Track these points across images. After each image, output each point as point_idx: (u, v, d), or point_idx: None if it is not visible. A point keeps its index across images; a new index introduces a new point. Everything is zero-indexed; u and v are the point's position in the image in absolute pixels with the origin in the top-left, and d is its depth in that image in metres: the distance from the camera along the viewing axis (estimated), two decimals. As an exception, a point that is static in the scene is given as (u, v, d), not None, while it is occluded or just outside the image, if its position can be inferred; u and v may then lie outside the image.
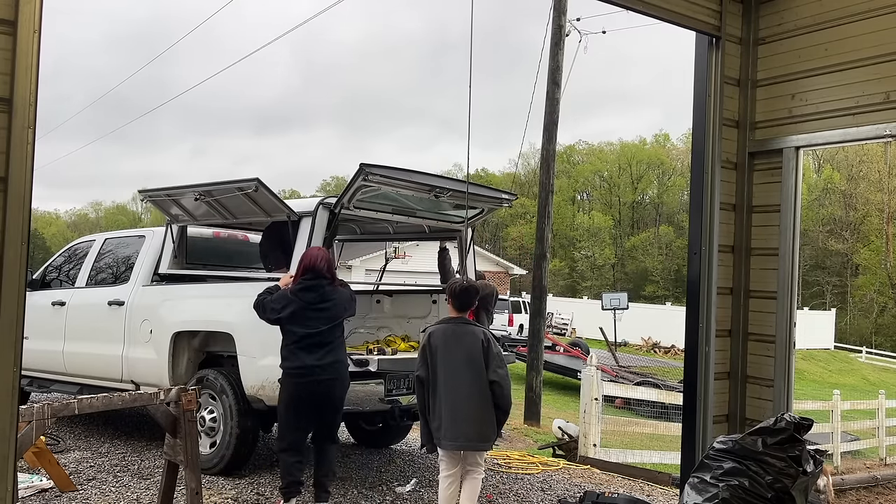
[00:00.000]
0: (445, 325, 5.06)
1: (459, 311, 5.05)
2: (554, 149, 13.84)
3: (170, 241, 7.26)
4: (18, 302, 3.20)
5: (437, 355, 4.93)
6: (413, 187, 6.28)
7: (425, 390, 4.99)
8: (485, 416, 4.90)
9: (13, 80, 3.20)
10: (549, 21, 13.75)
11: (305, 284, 5.45)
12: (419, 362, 5.03)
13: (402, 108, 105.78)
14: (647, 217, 70.06)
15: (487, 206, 7.20)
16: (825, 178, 60.38)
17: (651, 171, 69.61)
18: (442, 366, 4.90)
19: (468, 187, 6.50)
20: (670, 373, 23.73)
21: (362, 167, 5.82)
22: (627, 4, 5.23)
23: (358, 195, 6.09)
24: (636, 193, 69.65)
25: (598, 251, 62.74)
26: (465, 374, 4.87)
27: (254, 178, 6.14)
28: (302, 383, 5.29)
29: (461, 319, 5.06)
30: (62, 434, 7.70)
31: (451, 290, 5.10)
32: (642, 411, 14.47)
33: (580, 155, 74.04)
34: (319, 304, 5.40)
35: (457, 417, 4.85)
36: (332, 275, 5.56)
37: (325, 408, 5.39)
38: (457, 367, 4.88)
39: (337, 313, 5.47)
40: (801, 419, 4.37)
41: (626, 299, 33.88)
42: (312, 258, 5.53)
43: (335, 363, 5.36)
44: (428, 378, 4.96)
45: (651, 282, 60.03)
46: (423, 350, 5.00)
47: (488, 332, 5.07)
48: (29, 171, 3.23)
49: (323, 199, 6.30)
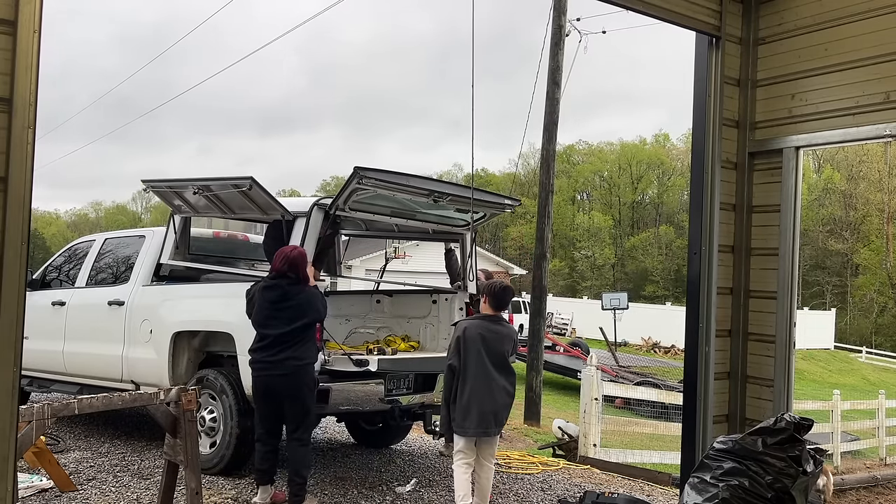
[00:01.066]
0: (481, 322, 5.36)
1: (496, 310, 5.40)
2: (554, 149, 13.84)
3: (172, 232, 7.19)
4: (18, 302, 3.20)
5: (471, 349, 5.22)
6: (410, 191, 6.25)
7: (455, 379, 5.25)
8: (508, 406, 5.37)
9: (13, 80, 3.21)
10: (549, 21, 13.75)
11: (267, 283, 5.56)
12: (452, 352, 5.30)
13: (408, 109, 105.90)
14: (647, 217, 70.03)
15: (490, 211, 7.18)
16: (825, 178, 60.37)
17: (651, 171, 69.59)
18: (475, 359, 5.21)
19: (473, 193, 6.46)
20: (670, 373, 23.72)
21: (356, 171, 5.80)
22: (627, 4, 5.24)
23: (353, 197, 6.09)
24: (636, 193, 69.63)
25: (598, 251, 62.72)
26: (496, 369, 5.25)
27: (248, 176, 6.16)
28: (259, 377, 5.50)
29: (498, 318, 5.42)
30: (62, 434, 7.70)
31: (491, 290, 5.42)
32: (642, 411, 14.46)
33: (580, 155, 74.02)
34: (280, 303, 5.46)
35: (485, 408, 5.19)
36: (298, 274, 5.54)
37: (284, 401, 5.46)
38: (491, 362, 5.23)
39: (298, 314, 5.45)
40: (801, 419, 4.37)
41: (626, 299, 33.86)
42: (277, 257, 5.59)
43: (288, 359, 5.40)
44: (459, 368, 5.23)
45: (651, 282, 60.01)
46: (458, 342, 5.27)
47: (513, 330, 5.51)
48: (29, 171, 3.24)
49: (318, 199, 6.30)
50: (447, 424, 5.32)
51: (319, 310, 5.62)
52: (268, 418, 5.57)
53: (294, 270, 5.52)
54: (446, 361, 5.35)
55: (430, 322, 7.34)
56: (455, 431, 5.26)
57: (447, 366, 5.31)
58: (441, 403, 5.49)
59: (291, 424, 5.54)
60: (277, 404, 5.49)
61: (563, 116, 13.86)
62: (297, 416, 5.53)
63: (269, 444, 5.60)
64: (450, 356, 5.32)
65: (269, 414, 5.55)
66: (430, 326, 7.33)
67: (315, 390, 5.66)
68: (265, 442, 5.60)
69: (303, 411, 5.54)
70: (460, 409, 5.20)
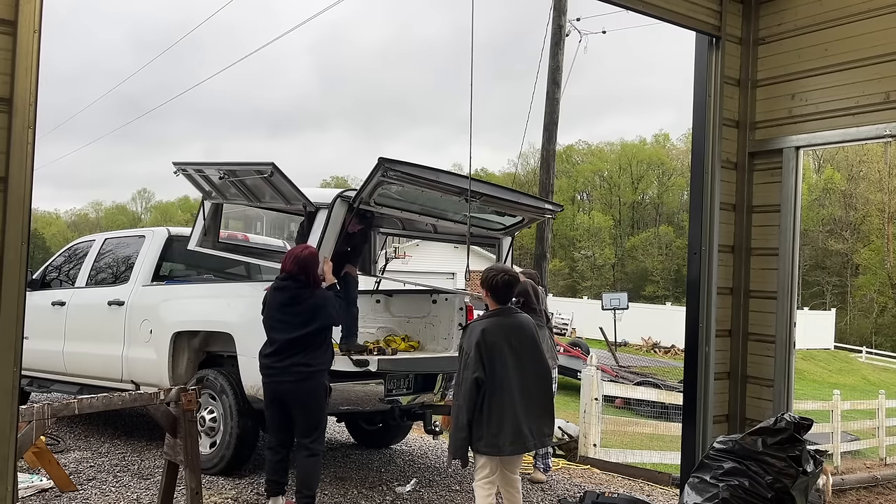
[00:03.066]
0: (496, 319, 4.60)
1: (501, 304, 4.68)
2: (554, 149, 13.86)
3: (201, 219, 6.88)
4: (18, 302, 3.20)
5: (496, 352, 4.45)
6: (440, 188, 5.89)
7: (481, 395, 4.42)
8: (549, 409, 4.68)
9: (13, 80, 3.21)
10: (549, 21, 13.76)
11: (277, 284, 5.31)
12: (474, 363, 4.41)
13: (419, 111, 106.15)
14: (647, 217, 70.03)
15: (528, 215, 6.76)
16: (825, 178, 60.37)
17: (651, 171, 69.60)
18: (503, 363, 4.45)
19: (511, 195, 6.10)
20: (670, 373, 23.73)
21: (381, 162, 5.45)
22: (627, 4, 5.23)
23: (378, 191, 5.77)
24: (636, 193, 69.63)
25: (598, 251, 62.72)
26: (529, 368, 4.55)
27: (269, 161, 5.89)
28: (268, 384, 5.28)
29: (510, 310, 4.71)
30: (62, 434, 7.70)
31: (490, 284, 4.65)
32: (642, 411, 14.46)
33: (580, 155, 74.03)
34: (289, 306, 5.22)
35: (519, 420, 4.43)
36: (309, 277, 5.27)
37: (292, 408, 5.22)
38: (521, 362, 4.52)
39: (308, 318, 5.19)
40: (801, 419, 4.37)
41: (626, 299, 33.83)
42: (287, 257, 5.32)
43: (295, 366, 5.14)
44: (484, 380, 4.42)
45: (651, 282, 60.01)
46: (478, 349, 4.42)
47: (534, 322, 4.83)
48: (29, 171, 3.24)
49: (342, 191, 6.06)
50: (464, 446, 4.46)
51: (332, 315, 5.33)
52: (278, 427, 5.33)
53: (304, 272, 5.25)
54: (465, 374, 4.45)
55: (430, 322, 7.32)
56: (484, 452, 4.47)
57: (472, 380, 4.38)
58: (454, 424, 4.57)
59: (301, 433, 5.27)
60: (286, 412, 5.25)
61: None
62: (306, 425, 5.26)
63: (280, 454, 5.34)
64: (471, 367, 4.40)
65: (280, 422, 5.31)
66: (430, 326, 7.32)
67: (327, 398, 5.38)
68: (276, 451, 5.35)
69: (312, 420, 5.27)
70: (490, 425, 4.40)
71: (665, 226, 65.06)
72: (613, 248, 65.06)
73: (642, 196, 70.62)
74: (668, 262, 60.73)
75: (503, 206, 6.42)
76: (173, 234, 7.64)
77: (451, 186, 5.90)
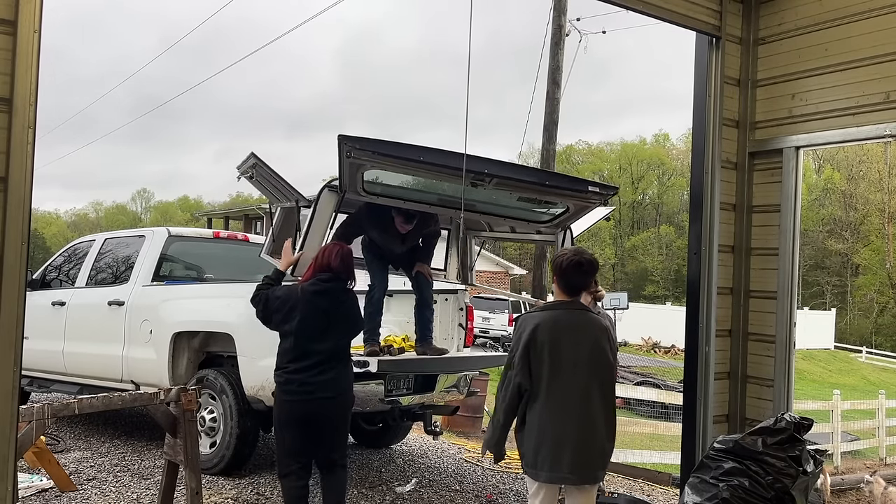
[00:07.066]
0: (554, 313, 3.83)
1: (570, 295, 3.88)
2: (554, 149, 13.89)
3: (269, 225, 6.42)
4: (18, 302, 3.21)
5: (547, 354, 3.71)
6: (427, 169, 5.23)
7: (523, 403, 3.78)
8: (611, 434, 3.84)
9: (13, 80, 3.21)
10: (549, 21, 13.77)
11: (318, 287, 4.58)
12: (519, 365, 3.73)
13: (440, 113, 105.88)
14: (647, 217, 70.03)
15: (571, 202, 5.90)
16: (825, 178, 60.38)
17: (651, 171, 69.60)
18: (554, 370, 3.71)
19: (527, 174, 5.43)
20: (670, 373, 23.74)
21: (341, 140, 4.77)
22: (627, 4, 5.24)
23: (359, 176, 5.19)
24: (636, 193, 69.63)
25: (598, 251, 62.73)
26: (591, 380, 3.76)
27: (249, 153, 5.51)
28: (296, 402, 4.52)
29: (574, 303, 3.88)
30: (62, 434, 7.70)
31: (559, 266, 3.86)
32: (642, 411, 14.48)
33: (580, 155, 74.02)
34: (332, 312, 4.58)
35: (580, 443, 3.69)
36: (351, 276, 4.73)
37: (324, 430, 4.58)
38: (577, 371, 3.74)
39: (350, 327, 4.75)
40: (801, 419, 4.38)
41: (626, 299, 33.70)
42: (328, 254, 4.67)
43: (335, 379, 4.56)
44: (529, 385, 3.74)
45: (651, 282, 60.02)
46: (526, 348, 3.72)
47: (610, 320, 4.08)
48: (29, 171, 3.24)
49: (330, 181, 5.66)
50: (498, 445, 3.90)
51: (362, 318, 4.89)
52: (300, 451, 4.60)
53: (348, 271, 4.66)
54: (509, 373, 3.79)
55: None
56: (525, 471, 3.83)
57: (515, 385, 3.73)
58: (491, 418, 4.02)
59: (330, 450, 4.67)
60: (315, 433, 4.56)
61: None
62: (339, 443, 4.73)
63: (303, 479, 4.62)
64: (516, 369, 3.73)
65: (302, 445, 4.59)
66: (430, 326, 7.29)
67: None
68: (300, 476, 4.61)
69: (343, 436, 4.81)
70: (529, 440, 3.76)
71: (665, 226, 65.06)
72: (613, 247, 65.06)
73: (642, 196, 70.61)
74: (668, 262, 60.74)
75: (548, 195, 5.72)
76: (173, 234, 7.65)
77: (439, 167, 5.14)
